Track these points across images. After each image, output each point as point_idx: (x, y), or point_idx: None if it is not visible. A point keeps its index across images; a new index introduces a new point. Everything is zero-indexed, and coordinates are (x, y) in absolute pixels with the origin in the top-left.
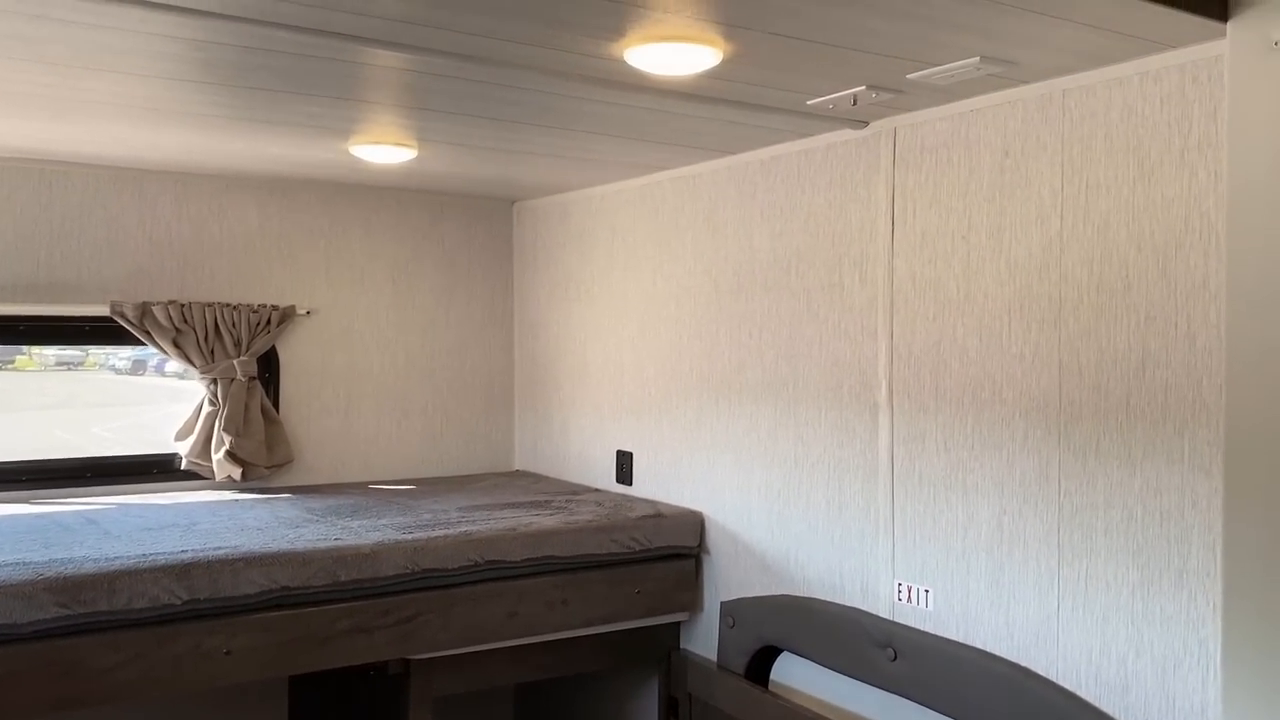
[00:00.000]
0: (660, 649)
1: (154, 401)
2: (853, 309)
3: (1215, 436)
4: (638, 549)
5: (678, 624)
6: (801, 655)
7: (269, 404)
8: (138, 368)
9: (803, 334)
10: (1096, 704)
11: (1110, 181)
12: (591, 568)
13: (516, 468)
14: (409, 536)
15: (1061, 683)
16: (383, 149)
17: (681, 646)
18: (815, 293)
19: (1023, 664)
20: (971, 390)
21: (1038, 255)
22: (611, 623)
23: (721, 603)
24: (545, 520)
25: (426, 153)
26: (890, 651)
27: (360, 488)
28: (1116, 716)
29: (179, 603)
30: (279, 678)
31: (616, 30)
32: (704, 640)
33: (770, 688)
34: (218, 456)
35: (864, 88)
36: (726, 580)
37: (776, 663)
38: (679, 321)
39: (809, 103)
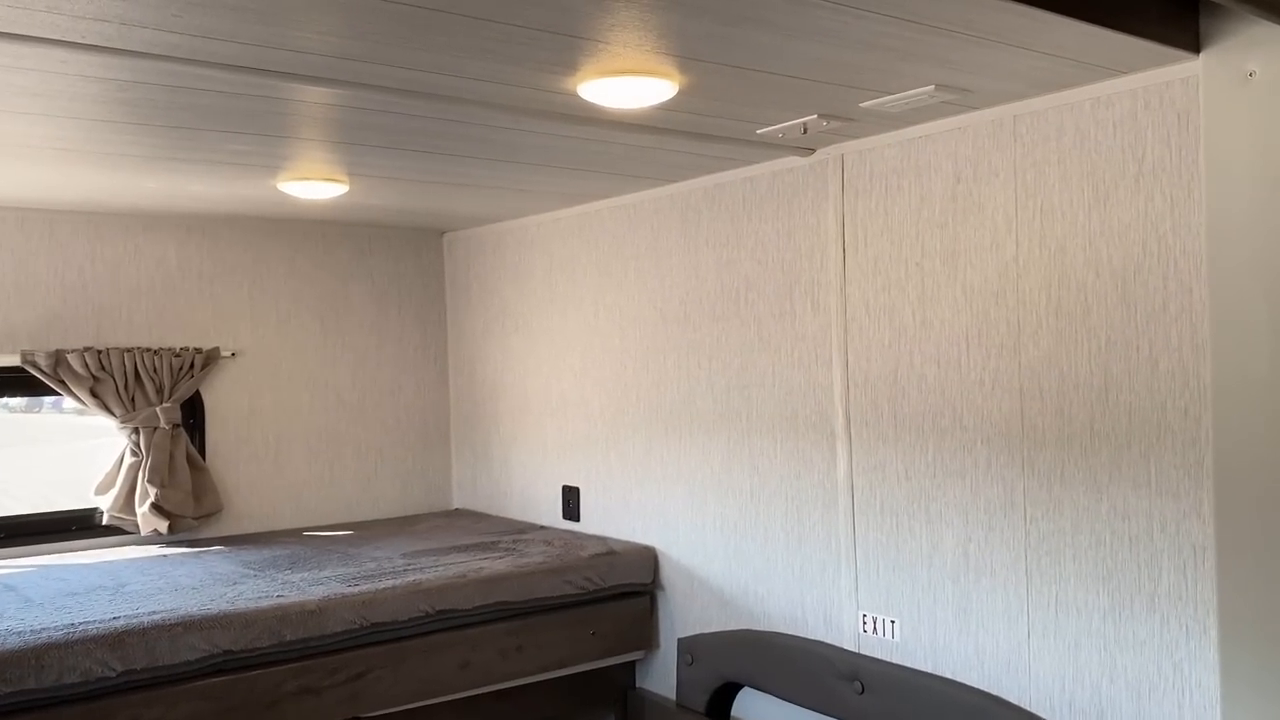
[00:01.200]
0: (616, 690)
1: (52, 441)
2: (805, 337)
3: (1182, 460)
4: (591, 588)
5: (633, 663)
6: (764, 691)
7: (194, 452)
8: (33, 405)
9: (755, 363)
10: None
11: (1065, 206)
12: (545, 611)
13: (455, 506)
14: (356, 589)
15: (1035, 710)
16: (313, 185)
17: (638, 685)
18: (766, 321)
19: (994, 693)
20: (931, 417)
21: (994, 280)
22: (567, 666)
23: (679, 639)
24: (496, 564)
25: (358, 187)
26: (857, 684)
27: (295, 535)
28: None
29: (113, 675)
30: None
31: (571, 65)
32: (661, 679)
33: None
34: (142, 510)
35: (815, 116)
36: (684, 616)
37: (738, 699)
38: (624, 353)
39: (759, 132)
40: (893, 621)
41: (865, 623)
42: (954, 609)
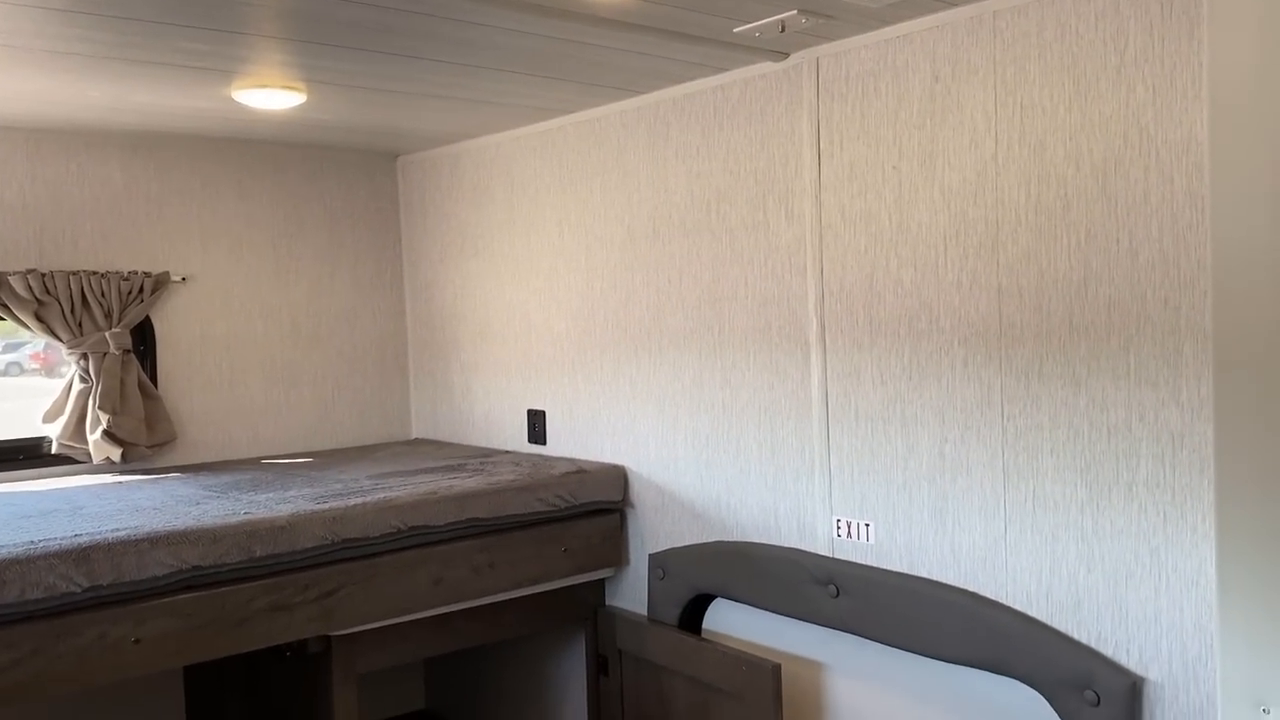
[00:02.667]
0: (587, 607)
1: None
2: (779, 247)
3: (1161, 350)
4: (562, 505)
5: (604, 581)
6: (737, 600)
7: (146, 379)
8: None
9: (727, 276)
10: (1048, 622)
11: (1045, 101)
12: (516, 528)
13: (415, 436)
14: (325, 506)
15: (1012, 605)
16: (269, 93)
17: (609, 603)
18: (739, 233)
19: (970, 589)
20: (907, 321)
21: (972, 180)
22: (539, 583)
23: (650, 555)
24: (466, 482)
25: (315, 98)
26: (832, 588)
27: (253, 463)
28: (1069, 632)
29: (78, 590)
30: (191, 664)
31: None
32: (632, 595)
33: (704, 636)
34: (94, 437)
35: (795, 12)
36: (654, 533)
37: (709, 611)
38: (590, 272)
39: (735, 30)
40: (867, 525)
41: (839, 528)
42: (930, 509)
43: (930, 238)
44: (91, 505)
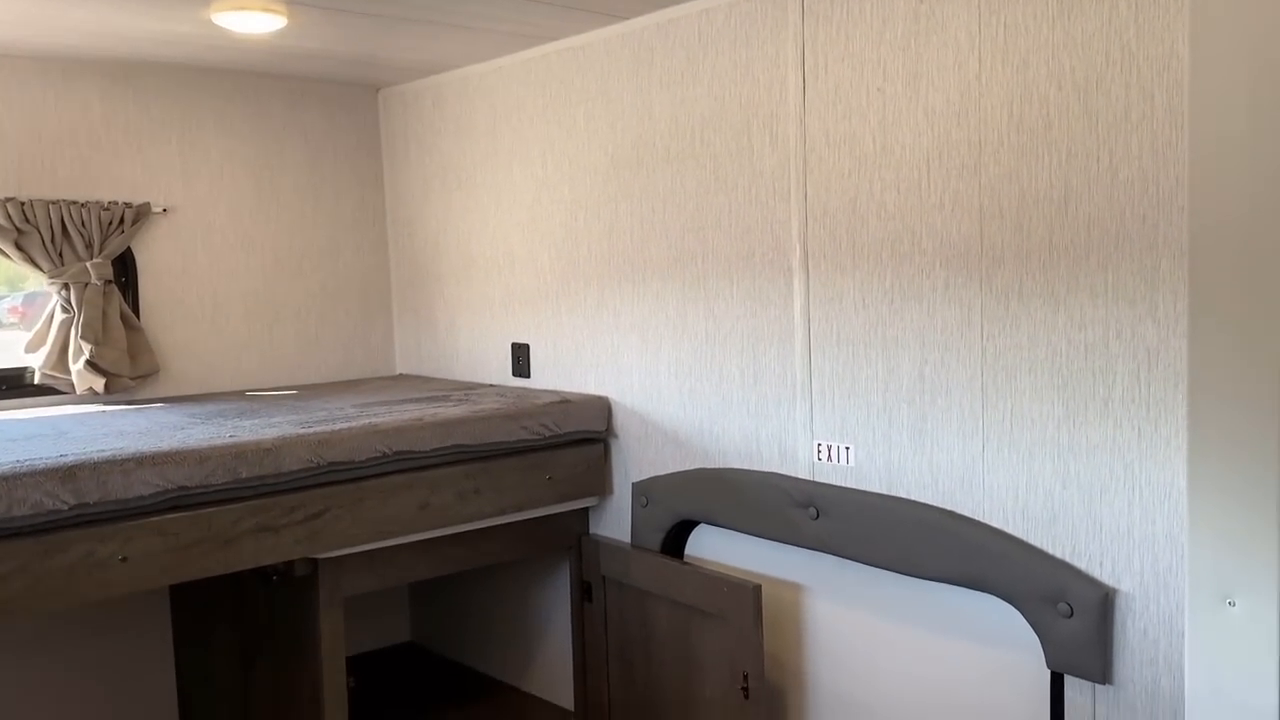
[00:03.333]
0: (571, 536)
1: None
2: (763, 173)
3: (1139, 267)
4: (547, 434)
5: (587, 510)
6: (719, 525)
7: (128, 310)
8: None
9: (710, 204)
10: (1024, 538)
11: (1029, 20)
12: (501, 456)
13: (399, 372)
14: (311, 430)
15: (988, 522)
16: (249, 15)
17: (592, 531)
18: (723, 159)
19: (948, 508)
20: (890, 244)
21: (956, 101)
22: (523, 510)
23: (633, 483)
24: (451, 410)
25: (295, 21)
26: (812, 510)
27: (237, 395)
28: (1044, 547)
29: (65, 508)
30: (178, 588)
31: None
32: (616, 524)
33: (686, 561)
34: (77, 367)
35: None
36: (638, 462)
37: (691, 537)
38: (574, 203)
39: None
40: (847, 448)
41: (820, 452)
42: (909, 431)
43: (913, 159)
44: (76, 431)
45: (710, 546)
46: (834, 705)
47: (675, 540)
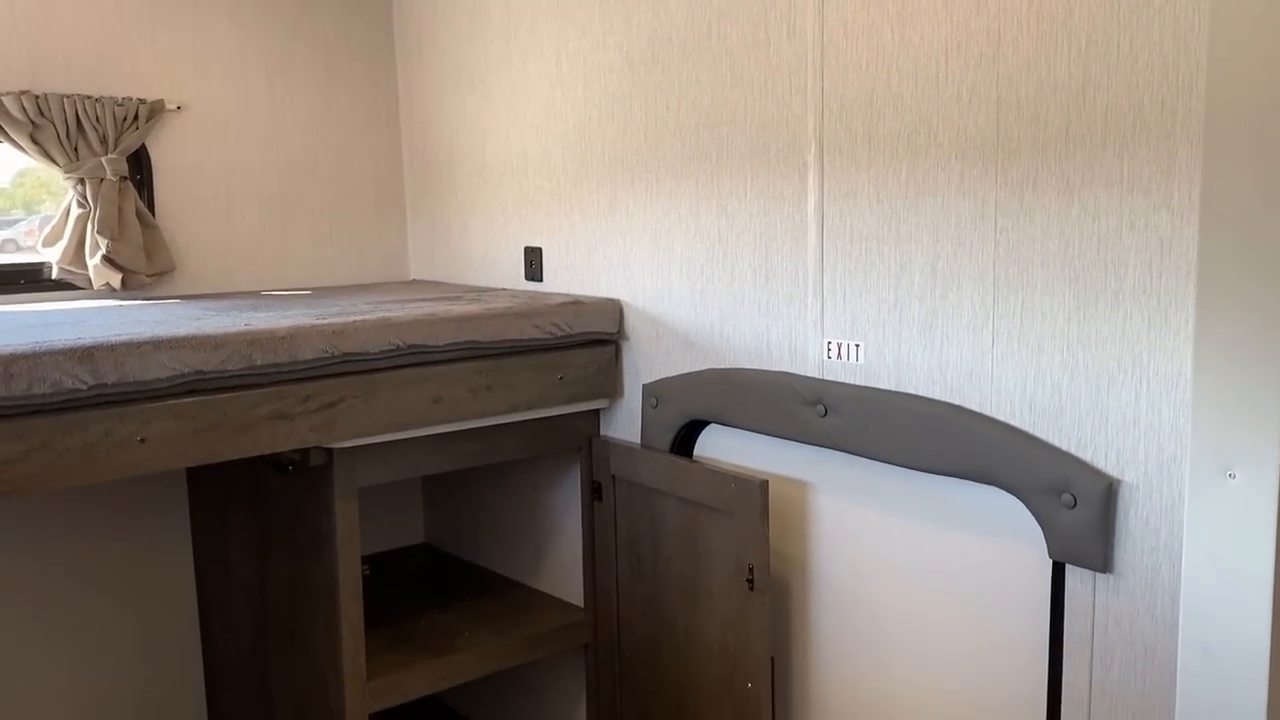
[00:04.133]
0: (582, 437)
1: None
2: (780, 67)
3: (1155, 155)
4: (559, 334)
5: (597, 412)
6: (728, 425)
7: (144, 208)
8: None
9: (726, 100)
10: (1030, 431)
11: None
12: (513, 354)
13: (413, 277)
14: (325, 321)
15: (995, 415)
16: None
17: (602, 434)
18: (739, 54)
19: (955, 403)
20: (906, 137)
21: None
22: (535, 409)
23: (644, 385)
24: (465, 307)
25: None
26: (820, 408)
27: (252, 294)
28: (1049, 440)
29: (84, 388)
30: (197, 479)
31: None
32: (625, 427)
33: (695, 460)
34: (94, 262)
35: None
36: (648, 364)
37: (700, 438)
38: (588, 103)
39: None
40: (857, 345)
41: (830, 350)
42: (919, 327)
43: (931, 50)
44: (93, 320)
45: (719, 446)
46: (837, 596)
47: (684, 441)
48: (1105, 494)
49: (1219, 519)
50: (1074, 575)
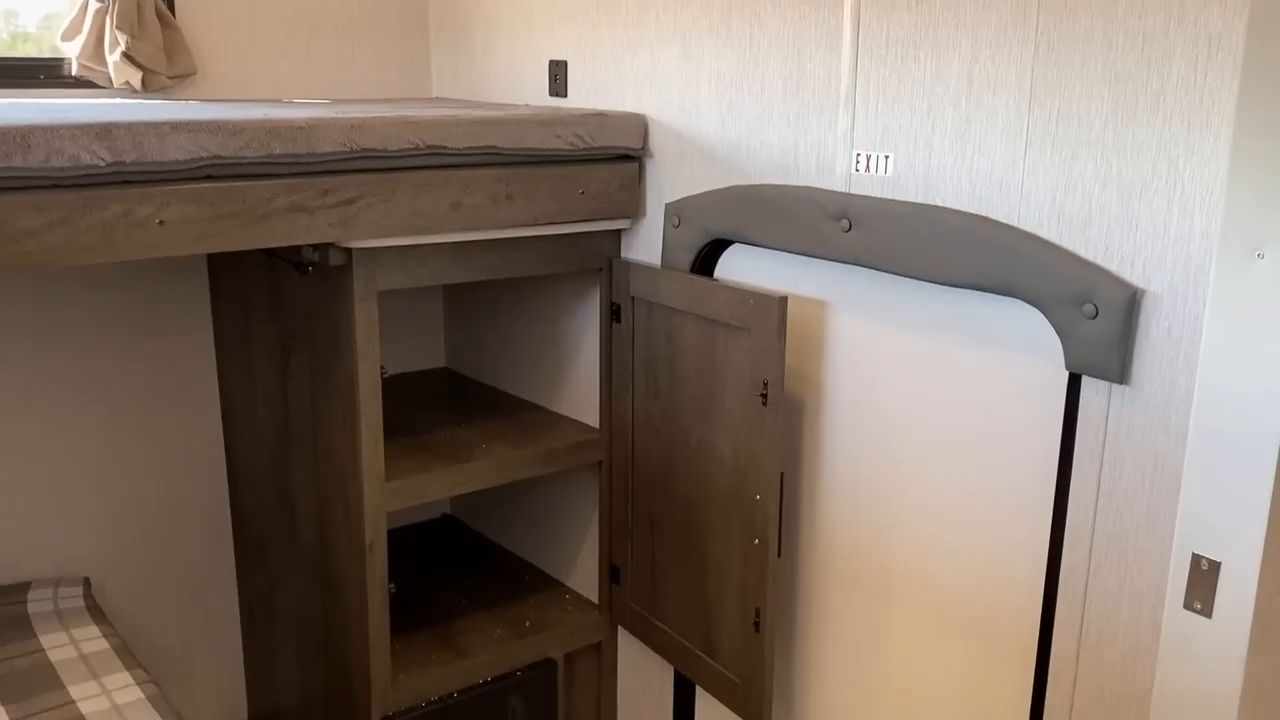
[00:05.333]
0: (601, 257)
1: None
2: None
3: None
4: (581, 146)
5: (619, 233)
6: (750, 243)
7: (163, 7)
8: None
9: None
10: (1057, 241)
11: None
12: (535, 164)
13: (435, 94)
14: (344, 114)
15: (1023, 226)
16: None
17: (623, 255)
18: None
19: (984, 214)
20: None
21: None
22: (556, 222)
23: (666, 204)
24: (485, 112)
25: None
26: (845, 222)
27: (273, 101)
28: (1076, 250)
29: (102, 164)
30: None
31: None
32: (646, 249)
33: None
34: (113, 59)
35: None
36: (672, 183)
37: (721, 259)
38: None
39: None
40: (887, 157)
41: (859, 162)
42: (951, 136)
43: None
44: (114, 113)
45: (740, 267)
46: (850, 415)
47: (706, 262)
48: (1128, 303)
49: (1244, 299)
50: (1090, 387)
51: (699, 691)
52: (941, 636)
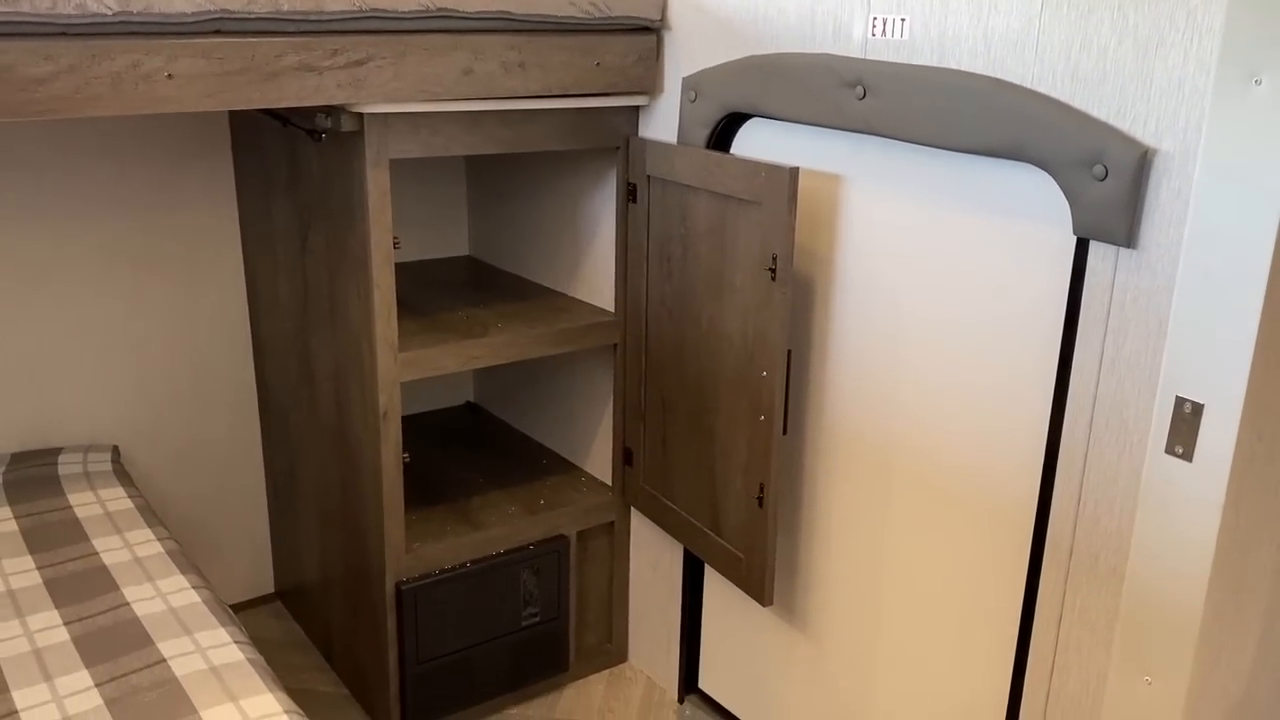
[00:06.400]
0: (618, 136)
1: None
2: None
3: None
4: (597, 15)
5: (637, 111)
6: (765, 115)
7: None
8: None
9: None
10: (1069, 101)
11: None
12: (549, 32)
13: None
14: None
15: (1036, 88)
16: None
17: (640, 134)
18: None
19: (997, 76)
20: None
21: None
22: (569, 95)
23: (683, 79)
24: None
25: None
26: (859, 89)
27: None
28: (1088, 110)
29: (109, 13)
30: (223, 112)
31: None
32: (663, 128)
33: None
34: None
35: None
36: (690, 56)
37: (737, 137)
38: None
39: None
40: (903, 20)
41: (875, 26)
42: None
43: None
44: None
45: (755, 143)
46: (859, 292)
47: (722, 138)
48: (1138, 163)
49: (1239, 128)
50: (1096, 252)
51: (708, 572)
52: (943, 513)
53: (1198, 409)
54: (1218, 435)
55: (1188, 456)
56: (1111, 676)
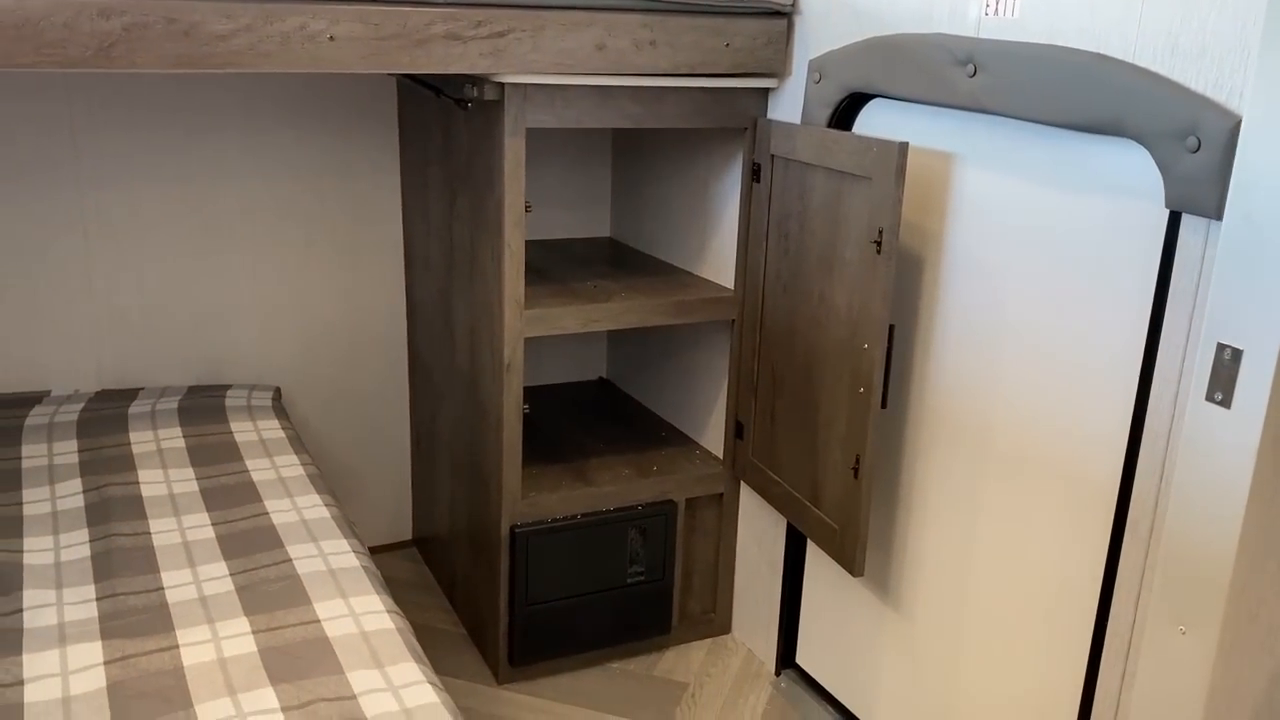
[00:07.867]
0: (746, 117)
1: None
2: None
3: None
4: None
5: (765, 93)
6: (882, 94)
7: None
8: None
9: None
10: (1168, 75)
11: None
12: (681, 13)
13: None
14: None
15: (1137, 62)
16: None
17: (768, 115)
18: None
19: (1101, 52)
20: None
21: None
22: (698, 74)
23: (809, 61)
24: None
25: None
26: (970, 67)
27: None
28: (1186, 83)
29: None
30: (379, 75)
31: None
32: (790, 110)
33: None
34: None
35: None
36: (817, 38)
37: (860, 116)
38: None
39: None
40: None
41: (988, 7)
42: None
43: None
44: None
45: (874, 124)
46: (964, 269)
47: (844, 119)
48: (1230, 134)
49: None
50: (1188, 225)
51: (810, 548)
52: (1030, 489)
53: (1237, 355)
54: (1256, 380)
55: (1226, 403)
56: (1148, 626)
